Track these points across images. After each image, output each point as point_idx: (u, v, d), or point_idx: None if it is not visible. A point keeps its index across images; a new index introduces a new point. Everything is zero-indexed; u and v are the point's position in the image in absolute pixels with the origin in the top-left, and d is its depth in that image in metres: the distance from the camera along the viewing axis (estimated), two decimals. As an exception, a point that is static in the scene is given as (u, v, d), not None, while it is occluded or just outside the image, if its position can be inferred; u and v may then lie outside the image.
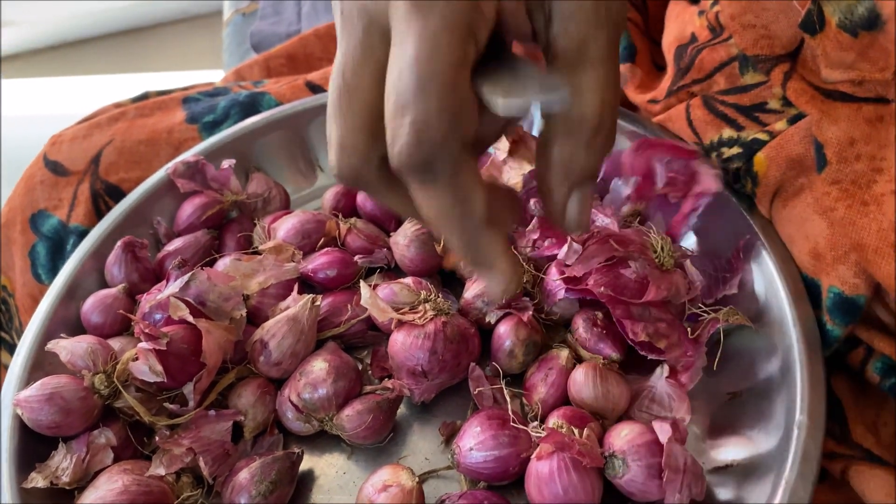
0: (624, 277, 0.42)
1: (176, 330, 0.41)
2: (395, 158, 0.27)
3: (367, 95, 0.29)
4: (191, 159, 0.51)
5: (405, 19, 0.27)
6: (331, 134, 0.30)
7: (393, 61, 0.27)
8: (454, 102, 0.26)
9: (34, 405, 0.39)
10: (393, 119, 0.27)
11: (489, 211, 0.28)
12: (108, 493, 0.37)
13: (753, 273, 0.43)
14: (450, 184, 0.27)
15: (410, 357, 0.41)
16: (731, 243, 0.44)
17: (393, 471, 0.39)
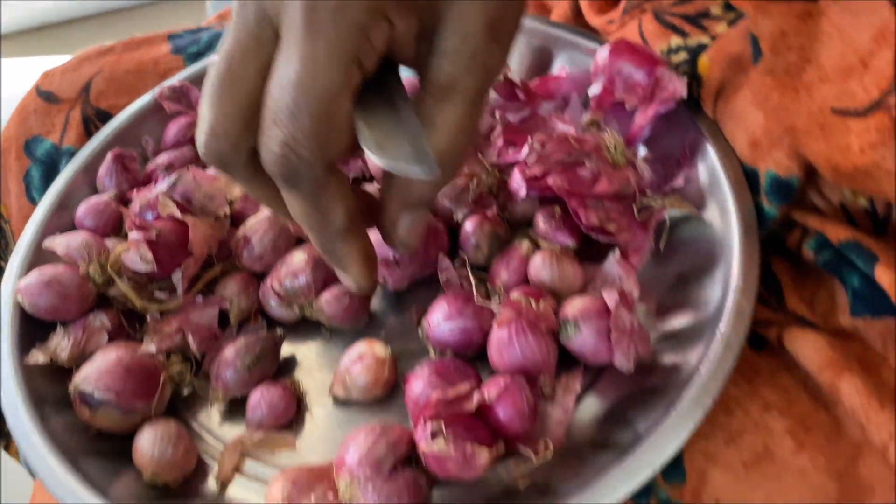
0: (580, 175, 0.46)
1: (164, 224, 0.44)
2: (264, 161, 0.29)
3: (248, 86, 0.29)
4: (176, 84, 0.55)
5: (295, 35, 0.28)
6: (203, 115, 0.31)
7: (276, 69, 0.28)
8: (326, 129, 0.28)
9: (33, 290, 0.42)
10: (266, 127, 0.28)
11: (349, 222, 0.32)
12: (104, 363, 0.40)
13: (699, 169, 0.47)
14: (312, 197, 0.30)
15: (382, 247, 0.45)
16: (679, 146, 0.48)
17: (368, 344, 0.42)
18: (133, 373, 0.40)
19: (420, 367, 0.41)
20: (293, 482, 0.36)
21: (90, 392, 0.39)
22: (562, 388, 0.39)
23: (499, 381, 0.38)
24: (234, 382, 0.42)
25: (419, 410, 0.38)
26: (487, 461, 0.38)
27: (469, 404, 0.38)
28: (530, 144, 0.47)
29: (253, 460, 0.41)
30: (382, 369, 0.41)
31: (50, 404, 0.41)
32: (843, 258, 0.41)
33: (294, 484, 0.36)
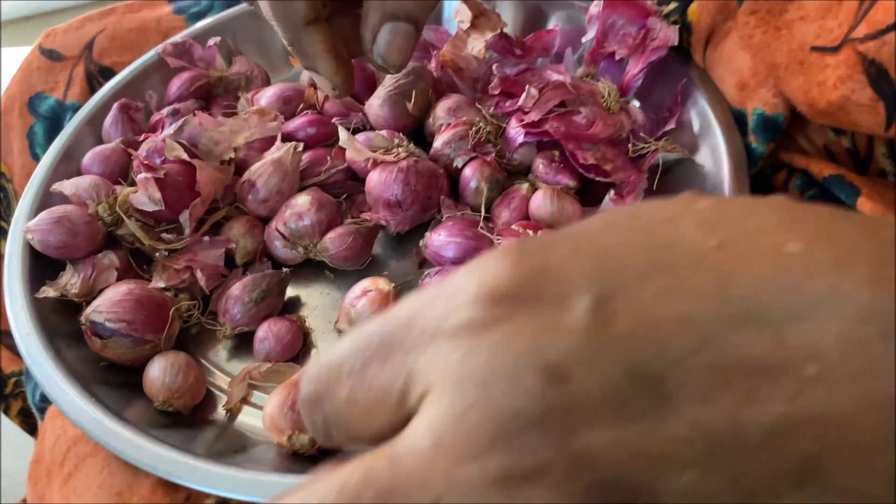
0: (576, 121, 0.48)
1: (172, 166, 0.45)
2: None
3: None
4: (179, 40, 0.56)
5: None
6: None
7: None
8: None
9: (44, 227, 0.43)
10: None
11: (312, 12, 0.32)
12: (115, 295, 0.41)
13: (691, 114, 0.48)
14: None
15: (386, 189, 0.46)
16: (670, 93, 0.49)
17: (372, 280, 0.44)
18: (143, 304, 0.41)
19: (430, 275, 0.42)
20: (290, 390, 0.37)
21: (101, 322, 0.40)
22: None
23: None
24: (241, 316, 0.43)
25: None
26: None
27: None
28: (527, 91, 0.48)
29: (260, 392, 0.42)
30: (386, 302, 0.43)
31: (61, 337, 0.42)
32: (828, 194, 0.43)
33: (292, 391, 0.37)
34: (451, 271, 0.42)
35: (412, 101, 0.51)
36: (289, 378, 0.42)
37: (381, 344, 0.17)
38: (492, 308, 0.15)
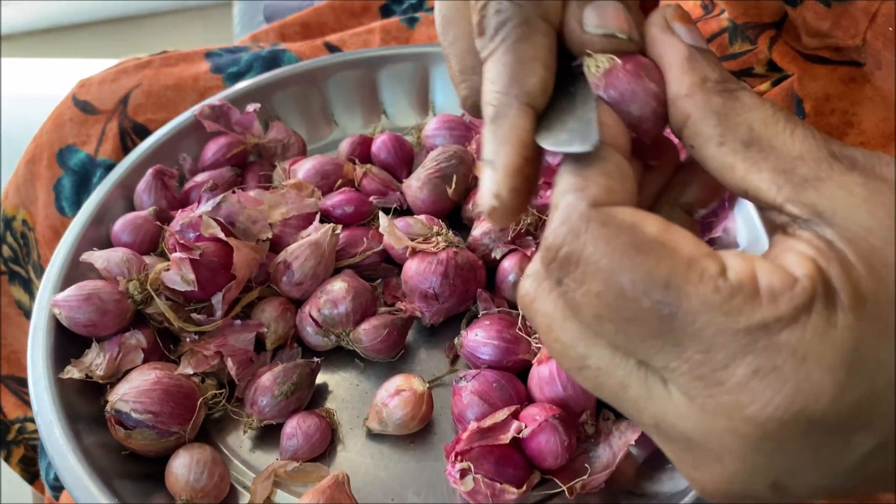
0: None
1: (207, 244, 0.44)
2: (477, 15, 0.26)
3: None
4: (216, 103, 0.55)
5: None
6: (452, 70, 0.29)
7: None
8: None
9: (72, 304, 0.42)
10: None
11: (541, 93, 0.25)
12: (142, 383, 0.40)
13: (737, 220, 0.47)
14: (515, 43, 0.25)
15: (424, 280, 0.45)
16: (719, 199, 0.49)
17: (405, 378, 0.42)
18: (171, 394, 0.40)
19: (467, 379, 0.41)
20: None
21: (127, 412, 0.39)
22: (619, 432, 0.39)
23: (535, 415, 0.39)
24: (269, 409, 0.42)
25: (450, 446, 0.39)
26: (516, 498, 0.38)
27: (504, 436, 0.38)
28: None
29: (284, 491, 0.41)
30: (420, 404, 0.41)
31: (83, 422, 0.40)
32: None
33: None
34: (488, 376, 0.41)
35: (452, 185, 0.50)
36: (315, 478, 0.40)
37: None
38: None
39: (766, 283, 0.21)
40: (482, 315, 0.45)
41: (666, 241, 0.21)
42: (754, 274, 0.21)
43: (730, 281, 0.21)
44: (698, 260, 0.21)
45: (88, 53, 1.75)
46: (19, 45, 1.82)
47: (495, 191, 0.24)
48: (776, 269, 0.21)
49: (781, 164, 0.22)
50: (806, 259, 0.21)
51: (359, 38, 0.63)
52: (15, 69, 1.59)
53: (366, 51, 0.60)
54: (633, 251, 0.21)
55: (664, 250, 0.21)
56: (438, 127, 0.55)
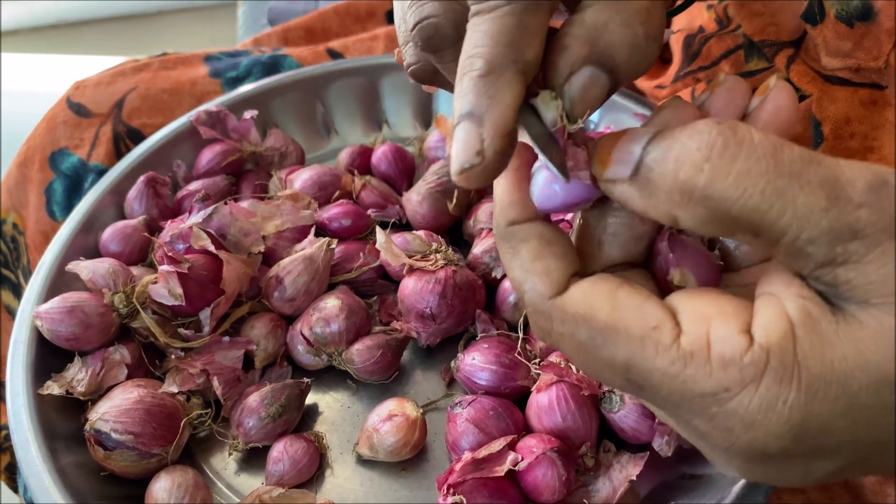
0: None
1: (196, 257, 0.42)
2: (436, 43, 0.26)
3: None
4: (213, 108, 0.53)
5: None
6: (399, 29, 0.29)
7: None
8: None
9: (55, 316, 0.41)
10: None
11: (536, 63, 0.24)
12: (124, 402, 0.38)
13: (747, 245, 0.46)
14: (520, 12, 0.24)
15: (420, 300, 0.43)
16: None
17: (398, 402, 0.41)
18: (153, 414, 0.38)
19: (462, 405, 0.39)
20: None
21: (107, 431, 0.37)
22: (620, 466, 0.38)
23: (533, 447, 0.37)
24: (256, 431, 0.40)
25: (443, 477, 0.37)
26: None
27: (499, 468, 0.37)
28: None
29: (269, 516, 0.39)
30: (413, 431, 0.40)
31: (61, 440, 0.39)
32: None
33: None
34: (484, 403, 0.39)
35: (454, 200, 0.49)
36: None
37: None
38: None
39: (717, 352, 0.22)
40: (480, 337, 0.44)
41: (617, 323, 0.23)
42: (707, 341, 0.22)
43: (682, 350, 0.22)
44: (651, 333, 0.22)
45: (93, 51, 1.74)
46: (23, 42, 1.82)
47: (478, 147, 0.23)
48: (730, 335, 0.22)
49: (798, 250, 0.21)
50: (781, 322, 0.21)
51: (362, 44, 0.62)
52: (17, 65, 1.58)
53: (368, 58, 0.59)
54: (592, 345, 0.23)
55: (618, 335, 0.23)
56: (441, 139, 0.53)
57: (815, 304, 0.22)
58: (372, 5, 0.71)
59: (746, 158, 0.21)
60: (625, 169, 0.23)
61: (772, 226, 0.21)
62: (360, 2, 0.71)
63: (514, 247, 0.25)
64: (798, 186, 0.21)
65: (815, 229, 0.21)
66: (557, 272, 0.24)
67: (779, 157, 0.21)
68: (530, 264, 0.25)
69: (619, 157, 0.23)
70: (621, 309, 0.23)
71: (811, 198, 0.21)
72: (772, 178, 0.21)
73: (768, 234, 0.21)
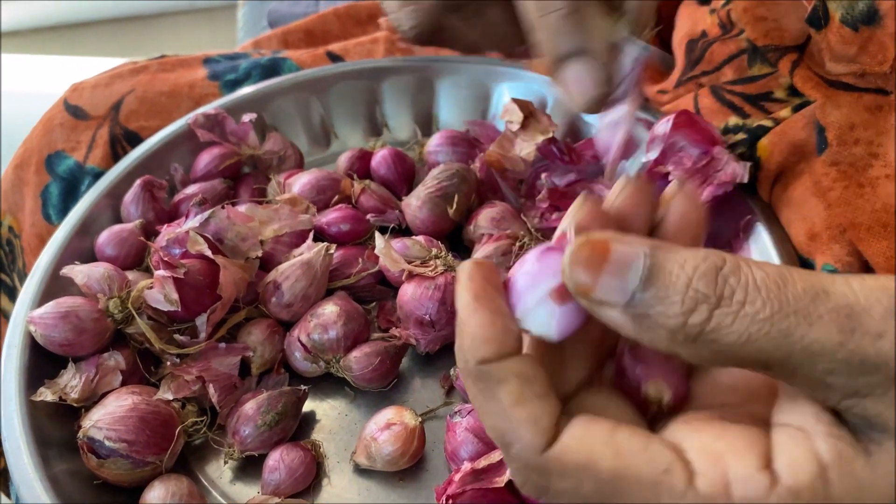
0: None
1: (193, 262, 0.42)
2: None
3: None
4: (211, 111, 0.53)
5: None
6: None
7: None
8: None
9: (48, 322, 0.40)
10: None
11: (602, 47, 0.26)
12: (117, 409, 0.38)
13: (752, 252, 0.45)
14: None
15: (420, 307, 0.43)
16: (731, 226, 0.46)
17: (396, 411, 0.40)
18: (147, 422, 0.38)
19: (461, 414, 0.39)
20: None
21: (100, 439, 0.37)
22: None
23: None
24: (252, 440, 0.39)
25: (442, 487, 0.36)
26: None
27: (500, 479, 0.36)
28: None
29: (264, 525, 0.38)
30: (411, 440, 0.39)
31: (54, 447, 0.38)
32: None
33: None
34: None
35: (454, 205, 0.48)
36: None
37: None
38: None
39: (739, 494, 0.20)
40: None
41: (625, 471, 0.21)
42: (726, 481, 0.20)
43: (700, 493, 0.20)
44: (661, 479, 0.20)
45: (92, 52, 1.74)
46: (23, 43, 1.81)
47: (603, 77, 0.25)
48: (751, 475, 0.20)
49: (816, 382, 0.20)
50: (810, 463, 0.20)
51: (362, 47, 0.61)
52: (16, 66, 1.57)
53: (368, 61, 0.58)
54: (600, 496, 0.21)
55: (626, 483, 0.21)
56: (441, 143, 0.53)
57: (848, 444, 0.20)
58: (372, 8, 0.70)
59: (751, 303, 0.20)
60: (618, 296, 0.21)
61: (782, 364, 0.20)
62: (361, 4, 0.70)
63: (488, 388, 0.22)
64: (807, 325, 0.20)
65: (831, 363, 0.20)
66: (545, 418, 0.22)
67: (783, 296, 0.20)
68: (512, 411, 0.22)
69: (609, 283, 0.21)
70: (625, 455, 0.21)
71: (822, 334, 0.20)
72: (777, 320, 0.20)
73: (780, 371, 0.20)
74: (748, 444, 0.21)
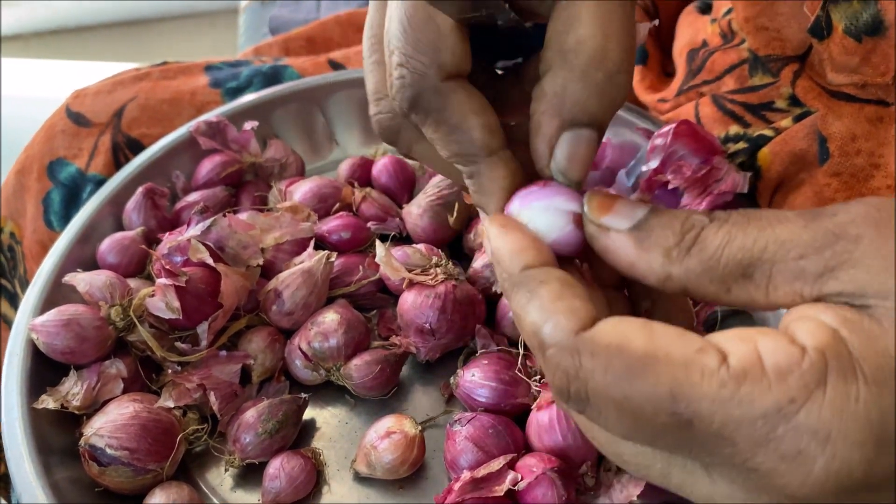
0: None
1: (194, 270, 0.42)
2: (396, 105, 0.29)
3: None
4: (213, 119, 0.53)
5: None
6: (367, 89, 0.32)
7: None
8: (432, 34, 0.27)
9: (50, 329, 0.40)
10: (387, 62, 0.28)
11: (489, 137, 0.27)
12: (119, 417, 0.38)
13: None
14: (438, 112, 0.28)
15: (420, 315, 0.43)
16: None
17: (397, 419, 0.40)
18: (149, 430, 0.38)
19: (461, 422, 0.39)
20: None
21: (102, 447, 0.37)
22: (621, 485, 0.37)
23: (532, 467, 0.37)
24: (252, 447, 0.39)
25: (441, 496, 0.36)
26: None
27: (499, 488, 0.36)
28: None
29: (265, 533, 0.38)
30: (411, 448, 0.39)
31: (55, 455, 0.38)
32: None
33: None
34: (484, 421, 0.39)
35: (454, 214, 0.48)
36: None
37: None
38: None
39: (771, 363, 0.20)
40: (480, 353, 0.43)
41: (656, 351, 0.21)
42: (758, 355, 0.20)
43: (733, 369, 0.20)
44: (694, 359, 0.21)
45: (94, 57, 1.74)
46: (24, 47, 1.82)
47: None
48: (781, 345, 0.20)
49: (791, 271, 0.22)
50: (823, 328, 0.21)
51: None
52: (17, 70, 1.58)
53: (370, 69, 0.58)
54: (630, 376, 0.21)
55: (658, 363, 0.21)
56: (442, 151, 0.53)
57: (847, 309, 0.21)
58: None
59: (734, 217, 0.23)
60: (625, 221, 0.24)
61: (760, 261, 0.22)
62: (362, 11, 0.71)
63: (531, 290, 0.23)
64: (777, 221, 0.22)
65: (800, 245, 0.21)
66: (583, 311, 0.23)
67: (758, 212, 0.23)
68: (551, 304, 0.23)
69: (622, 210, 0.24)
70: (659, 337, 0.21)
71: (790, 225, 0.22)
72: (752, 221, 0.22)
73: (760, 272, 0.22)
74: (772, 331, 0.21)
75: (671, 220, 0.23)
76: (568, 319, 0.22)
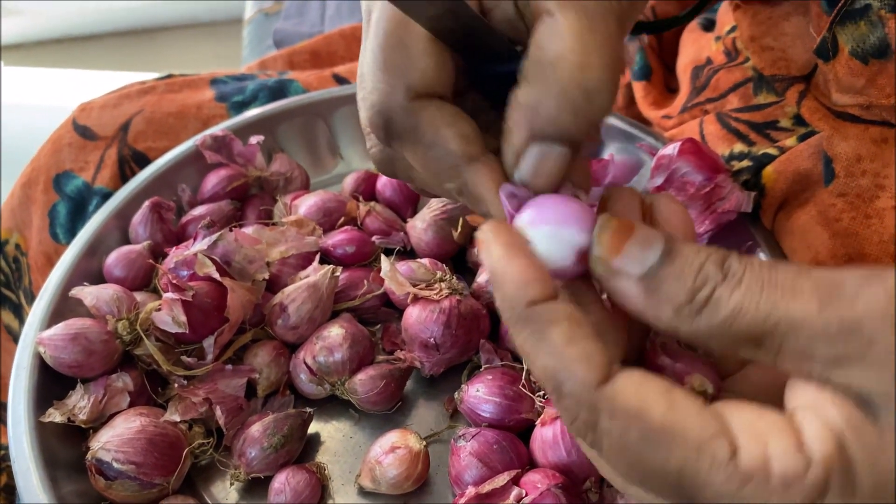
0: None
1: (201, 285, 0.42)
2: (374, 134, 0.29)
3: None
4: (219, 133, 0.53)
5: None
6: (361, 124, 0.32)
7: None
8: (400, 56, 0.27)
9: (58, 343, 0.40)
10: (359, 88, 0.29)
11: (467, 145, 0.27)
12: (126, 431, 0.38)
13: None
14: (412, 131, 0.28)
15: (424, 330, 0.43)
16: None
17: (401, 434, 0.40)
18: (156, 444, 0.38)
19: (466, 438, 0.39)
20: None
21: (108, 461, 0.37)
22: (624, 502, 0.37)
23: (537, 483, 0.37)
24: (258, 462, 0.40)
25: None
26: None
27: (503, 503, 0.36)
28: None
29: (270, 548, 0.39)
30: (416, 463, 0.39)
31: (62, 468, 0.39)
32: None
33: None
34: (488, 436, 0.39)
35: (458, 228, 0.49)
36: (302, 537, 0.38)
37: None
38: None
39: (779, 470, 0.21)
40: (484, 368, 0.43)
41: (673, 425, 0.21)
42: (767, 457, 0.21)
43: (741, 467, 0.21)
44: (708, 444, 0.21)
45: (96, 66, 1.75)
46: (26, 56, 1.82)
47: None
48: (790, 452, 0.21)
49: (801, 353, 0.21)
50: (829, 435, 0.21)
51: (368, 69, 0.62)
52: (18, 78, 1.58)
53: (375, 83, 0.59)
54: (645, 445, 0.21)
55: (673, 440, 0.21)
56: (446, 166, 0.53)
57: (854, 410, 0.21)
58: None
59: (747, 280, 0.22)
60: (636, 266, 0.23)
61: (770, 336, 0.21)
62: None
63: (539, 331, 0.23)
64: (791, 296, 0.21)
65: (812, 330, 0.21)
66: (598, 356, 0.22)
67: (773, 276, 0.22)
68: (565, 350, 0.22)
69: (632, 252, 0.23)
70: (679, 410, 0.21)
71: (803, 303, 0.21)
72: (766, 293, 0.21)
73: (769, 343, 0.21)
74: (784, 427, 0.22)
75: (683, 269, 0.22)
76: (585, 371, 0.22)
